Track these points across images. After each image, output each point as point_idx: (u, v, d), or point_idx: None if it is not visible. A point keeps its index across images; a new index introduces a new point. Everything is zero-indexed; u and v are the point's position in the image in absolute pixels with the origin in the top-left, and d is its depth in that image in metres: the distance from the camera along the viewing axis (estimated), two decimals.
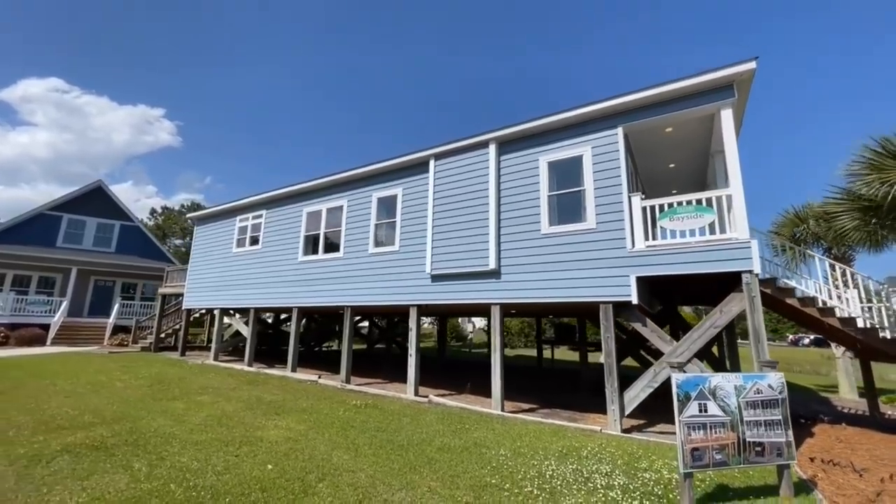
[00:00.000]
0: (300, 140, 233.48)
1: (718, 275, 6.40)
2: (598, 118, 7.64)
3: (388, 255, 9.91)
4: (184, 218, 43.20)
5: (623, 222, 7.05)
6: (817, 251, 10.82)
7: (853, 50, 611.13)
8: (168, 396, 7.88)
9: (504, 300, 8.04)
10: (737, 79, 6.51)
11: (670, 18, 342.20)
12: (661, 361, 6.58)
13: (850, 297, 7.16)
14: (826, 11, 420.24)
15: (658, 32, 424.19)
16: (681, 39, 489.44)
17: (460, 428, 6.33)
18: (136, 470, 4.20)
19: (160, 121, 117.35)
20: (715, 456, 3.71)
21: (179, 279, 16.63)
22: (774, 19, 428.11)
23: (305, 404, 7.65)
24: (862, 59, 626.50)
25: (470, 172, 8.90)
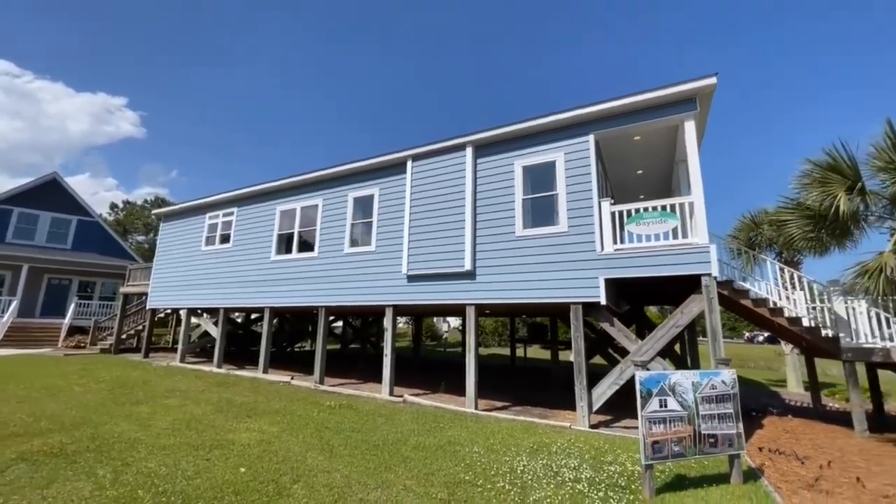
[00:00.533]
0: (273, 135, 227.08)
1: (680, 277, 6.78)
2: (570, 125, 7.91)
3: (364, 256, 9.88)
4: (147, 213, 41.28)
5: (593, 226, 7.34)
6: (770, 255, 11.58)
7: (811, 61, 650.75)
8: (132, 400, 7.60)
9: (479, 301, 8.20)
10: (699, 93, 6.91)
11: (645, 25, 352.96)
12: (626, 360, 6.90)
13: (797, 299, 7.74)
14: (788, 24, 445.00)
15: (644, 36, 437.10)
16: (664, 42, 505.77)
17: (435, 427, 6.43)
18: (100, 477, 4.07)
19: (122, 110, 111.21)
20: (673, 448, 3.97)
21: (143, 278, 15.95)
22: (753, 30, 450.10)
23: (278, 406, 7.56)
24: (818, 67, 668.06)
25: (447, 174, 9.00)
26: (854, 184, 5.75)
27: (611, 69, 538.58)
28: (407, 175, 9.53)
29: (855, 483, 4.52)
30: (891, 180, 5.80)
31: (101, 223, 22.61)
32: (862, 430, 6.61)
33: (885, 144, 5.76)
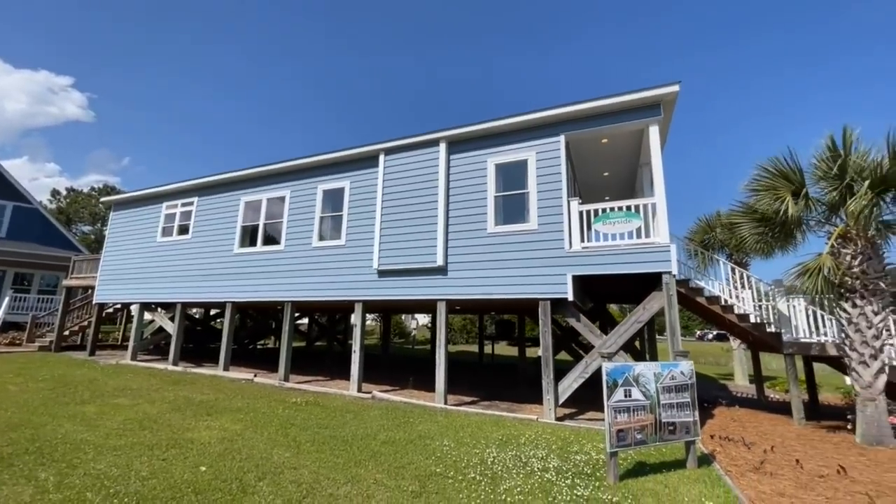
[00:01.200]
0: (244, 120, 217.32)
1: (642, 275, 7.10)
2: (542, 125, 8.08)
3: (333, 250, 9.67)
4: (95, 202, 38.43)
5: (562, 224, 7.54)
6: (722, 256, 12.33)
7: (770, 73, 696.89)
8: (76, 400, 7.07)
9: (450, 296, 8.23)
10: (663, 99, 7.24)
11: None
12: (592, 353, 7.15)
13: (745, 297, 8.29)
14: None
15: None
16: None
17: (405, 422, 6.40)
18: (42, 480, 3.76)
19: (67, 90, 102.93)
20: (636, 436, 4.16)
21: (90, 270, 14.85)
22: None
23: (241, 403, 7.27)
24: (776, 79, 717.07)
25: (420, 169, 8.96)
26: (799, 189, 6.22)
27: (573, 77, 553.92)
28: (379, 169, 9.41)
29: (794, 465, 4.91)
30: (829, 188, 6.32)
31: (40, 210, 20.83)
32: (800, 418, 7.18)
33: (825, 156, 6.27)
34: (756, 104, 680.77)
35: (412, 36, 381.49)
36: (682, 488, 3.94)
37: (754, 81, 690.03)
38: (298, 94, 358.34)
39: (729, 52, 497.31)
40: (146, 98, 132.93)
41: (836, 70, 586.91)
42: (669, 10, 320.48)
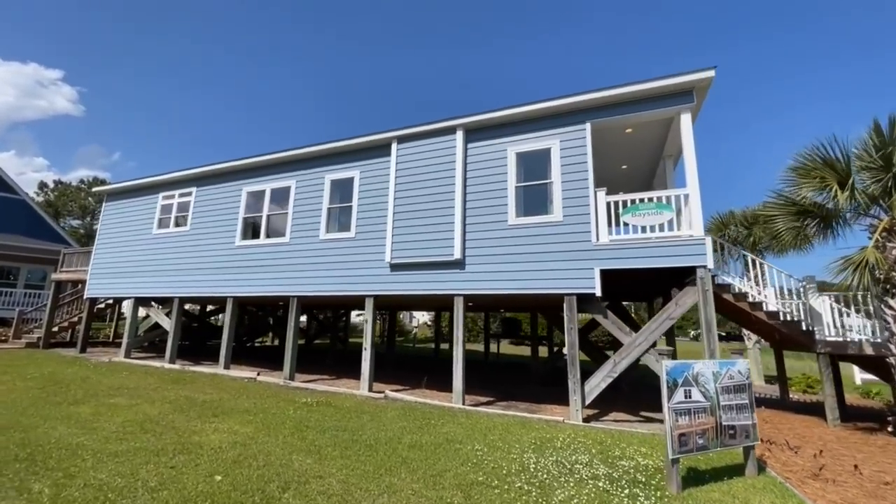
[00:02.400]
0: (236, 117, 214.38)
1: (673, 269, 6.77)
2: (567, 112, 7.70)
3: (342, 242, 9.22)
4: (83, 194, 37.36)
5: (589, 216, 7.17)
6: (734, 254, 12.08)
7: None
8: (69, 400, 6.56)
9: (468, 291, 7.83)
10: (696, 85, 6.90)
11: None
12: (620, 352, 6.80)
13: (768, 294, 7.99)
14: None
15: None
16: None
17: (426, 423, 6.00)
18: (35, 493, 3.30)
19: (57, 84, 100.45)
20: (698, 441, 3.80)
21: (81, 263, 14.21)
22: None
23: (248, 404, 6.81)
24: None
25: (435, 158, 8.54)
26: (845, 179, 5.93)
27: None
28: (391, 157, 8.97)
29: (853, 471, 4.60)
30: (872, 179, 6.03)
31: (28, 202, 20.02)
32: (834, 419, 6.91)
33: (869, 145, 5.98)
34: (764, 106, 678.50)
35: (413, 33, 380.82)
36: (753, 499, 3.59)
37: (765, 82, 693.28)
38: (298, 96, 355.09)
39: (735, 52, 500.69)
40: (138, 93, 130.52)
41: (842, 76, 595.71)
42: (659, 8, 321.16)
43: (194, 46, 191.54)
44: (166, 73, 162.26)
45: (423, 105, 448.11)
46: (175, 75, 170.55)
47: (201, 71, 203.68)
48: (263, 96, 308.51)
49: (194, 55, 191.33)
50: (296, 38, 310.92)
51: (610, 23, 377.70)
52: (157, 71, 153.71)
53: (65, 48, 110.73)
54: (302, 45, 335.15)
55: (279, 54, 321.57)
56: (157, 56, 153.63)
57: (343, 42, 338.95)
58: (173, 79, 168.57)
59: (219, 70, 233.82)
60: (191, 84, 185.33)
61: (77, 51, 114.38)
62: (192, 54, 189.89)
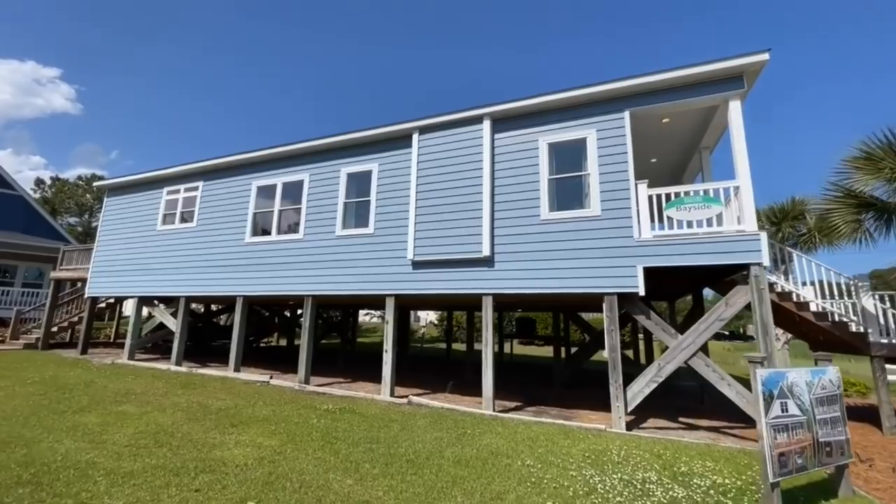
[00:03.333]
0: (237, 117, 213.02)
1: (712, 267, 6.34)
2: (604, 100, 7.24)
3: (360, 239, 8.74)
4: (81, 191, 36.66)
5: (629, 210, 6.72)
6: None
7: None
8: (74, 407, 6.07)
9: (498, 290, 7.37)
10: (747, 69, 6.44)
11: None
12: (665, 355, 6.36)
13: (807, 293, 7.53)
14: None
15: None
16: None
17: (462, 433, 5.54)
18: None
19: (55, 82, 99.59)
20: (797, 460, 3.36)
21: (81, 261, 13.68)
22: None
23: (266, 411, 6.33)
24: None
25: (461, 149, 8.07)
26: None
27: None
28: (413, 149, 8.49)
29: None
30: None
31: (26, 198, 19.43)
32: (891, 426, 6.49)
33: None
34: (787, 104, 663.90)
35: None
36: None
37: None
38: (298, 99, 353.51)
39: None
40: (136, 92, 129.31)
41: None
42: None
43: (192, 52, 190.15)
44: (165, 73, 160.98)
45: (421, 104, 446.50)
46: (174, 75, 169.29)
47: (200, 72, 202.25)
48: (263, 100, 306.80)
49: (193, 59, 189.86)
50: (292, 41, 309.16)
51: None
52: (157, 71, 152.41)
53: (64, 46, 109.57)
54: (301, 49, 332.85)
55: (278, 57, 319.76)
56: (156, 57, 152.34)
57: (341, 42, 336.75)
58: (173, 78, 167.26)
59: (218, 71, 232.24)
60: (189, 84, 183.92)
61: (75, 48, 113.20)
62: (191, 58, 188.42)
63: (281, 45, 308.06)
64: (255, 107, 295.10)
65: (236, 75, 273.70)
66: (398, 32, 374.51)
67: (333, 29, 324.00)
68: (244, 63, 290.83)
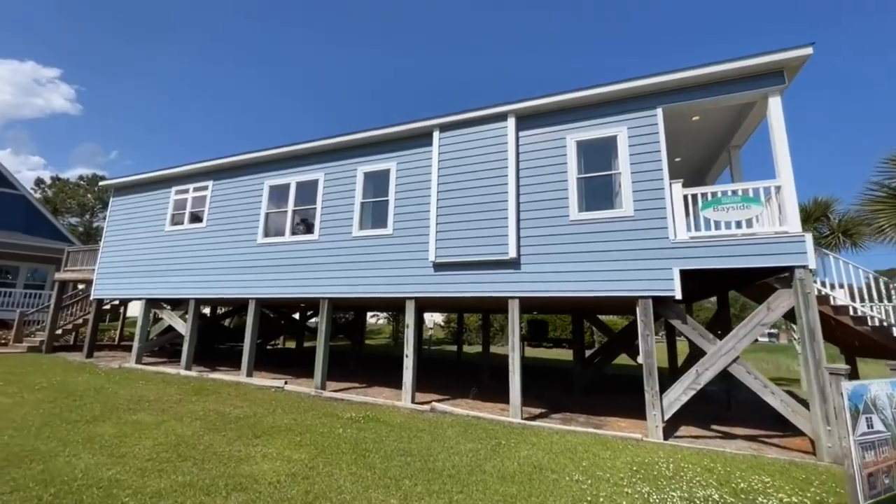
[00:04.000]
0: (237, 117, 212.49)
1: (759, 270, 6.10)
2: (636, 96, 7.00)
3: (378, 240, 8.48)
4: (82, 191, 36.31)
5: (664, 210, 6.48)
6: None
7: None
8: (87, 417, 5.80)
9: (524, 293, 7.11)
10: (788, 65, 6.21)
11: None
12: (703, 361, 6.11)
13: (838, 295, 7.30)
14: None
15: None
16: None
17: (496, 445, 5.28)
18: None
19: (55, 82, 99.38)
20: (884, 481, 3.10)
21: (86, 262, 13.39)
22: None
23: (287, 420, 6.06)
24: None
25: (484, 147, 7.82)
26: None
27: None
28: (433, 147, 8.23)
29: None
30: None
31: (27, 197, 19.12)
32: None
33: None
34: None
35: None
36: None
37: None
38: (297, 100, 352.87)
39: None
40: (137, 92, 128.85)
41: None
42: None
43: (192, 56, 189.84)
44: (166, 75, 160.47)
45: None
46: (174, 76, 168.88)
47: (198, 74, 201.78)
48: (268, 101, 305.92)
49: (194, 61, 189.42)
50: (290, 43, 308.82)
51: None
52: (155, 72, 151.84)
53: (64, 46, 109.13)
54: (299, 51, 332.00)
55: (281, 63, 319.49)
56: (153, 59, 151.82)
57: (334, 42, 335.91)
58: (173, 80, 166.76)
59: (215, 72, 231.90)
60: (190, 86, 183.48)
61: (75, 49, 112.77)
62: (192, 61, 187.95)
63: (285, 46, 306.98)
64: (258, 111, 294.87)
65: (235, 75, 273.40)
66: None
67: (335, 29, 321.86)
68: (243, 63, 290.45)
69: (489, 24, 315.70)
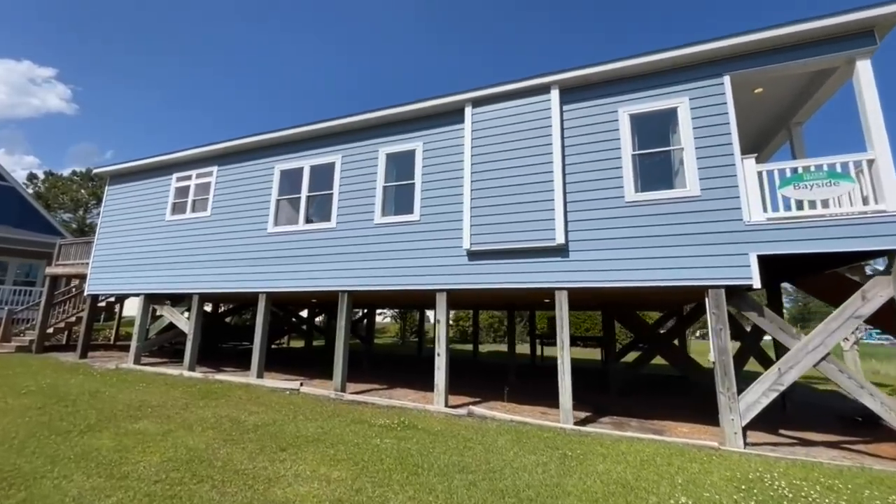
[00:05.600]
0: (238, 112, 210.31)
1: (851, 254, 5.39)
2: (698, 63, 6.25)
3: (403, 227, 7.70)
4: (75, 187, 35.23)
5: (736, 189, 5.74)
6: None
7: None
8: (80, 426, 4.99)
9: (574, 284, 6.36)
10: (880, 22, 5.48)
11: None
12: (787, 359, 5.38)
13: None
14: None
15: None
16: None
17: (563, 457, 4.53)
18: None
19: (50, 82, 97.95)
20: None
21: (80, 255, 12.53)
22: None
23: (312, 428, 5.28)
24: None
25: (524, 123, 7.06)
26: None
27: None
28: (465, 124, 7.46)
29: None
30: None
31: (18, 189, 18.15)
32: None
33: None
34: None
35: None
36: None
37: None
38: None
39: None
40: (132, 92, 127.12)
41: None
42: None
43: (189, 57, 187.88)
44: (162, 77, 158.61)
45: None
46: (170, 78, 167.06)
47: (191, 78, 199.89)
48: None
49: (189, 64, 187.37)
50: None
51: None
52: (153, 74, 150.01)
53: (61, 46, 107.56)
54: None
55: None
56: (152, 61, 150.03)
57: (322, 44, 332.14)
58: (169, 81, 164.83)
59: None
60: (185, 88, 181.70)
61: (73, 50, 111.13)
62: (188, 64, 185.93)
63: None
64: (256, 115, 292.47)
65: (229, 75, 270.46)
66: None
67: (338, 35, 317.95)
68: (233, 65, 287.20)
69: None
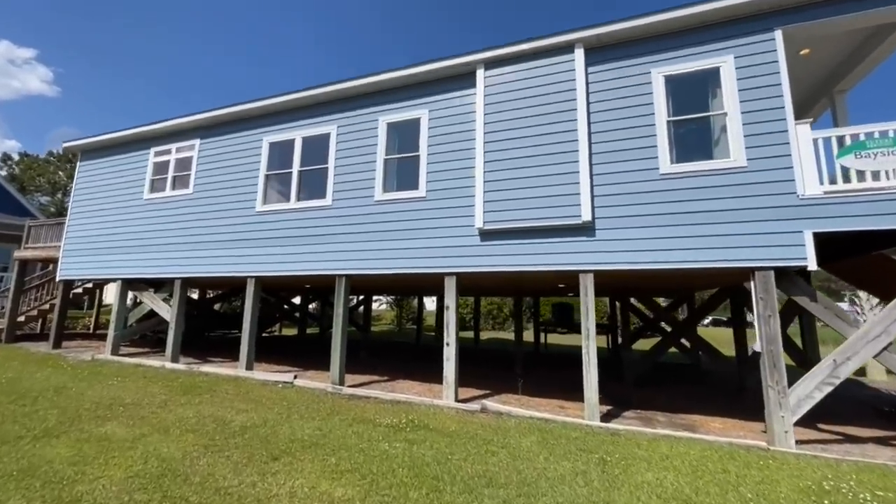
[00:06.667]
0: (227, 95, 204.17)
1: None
2: (744, 16, 5.52)
3: (407, 204, 6.96)
4: (53, 168, 33.60)
5: (788, 159, 5.09)
6: None
7: None
8: (35, 430, 4.25)
9: (601, 266, 5.70)
10: None
11: None
12: (844, 349, 4.81)
13: None
14: None
15: None
16: None
17: (600, 462, 3.92)
18: None
19: (31, 63, 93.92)
20: None
21: (51, 238, 11.57)
22: None
23: (309, 429, 4.61)
24: None
25: (544, 86, 6.30)
26: None
27: None
28: (477, 89, 6.68)
29: None
30: None
31: None
32: None
33: None
34: None
35: None
36: None
37: None
38: None
39: None
40: (117, 74, 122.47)
41: None
42: None
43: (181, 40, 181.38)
44: (150, 59, 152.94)
45: None
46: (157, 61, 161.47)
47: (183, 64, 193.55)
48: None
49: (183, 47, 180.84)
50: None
51: None
52: (141, 57, 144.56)
53: (42, 25, 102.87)
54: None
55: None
56: (142, 44, 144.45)
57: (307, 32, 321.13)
58: (154, 64, 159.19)
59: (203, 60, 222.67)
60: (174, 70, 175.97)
61: (53, 28, 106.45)
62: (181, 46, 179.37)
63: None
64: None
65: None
66: None
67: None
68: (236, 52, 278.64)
69: None
